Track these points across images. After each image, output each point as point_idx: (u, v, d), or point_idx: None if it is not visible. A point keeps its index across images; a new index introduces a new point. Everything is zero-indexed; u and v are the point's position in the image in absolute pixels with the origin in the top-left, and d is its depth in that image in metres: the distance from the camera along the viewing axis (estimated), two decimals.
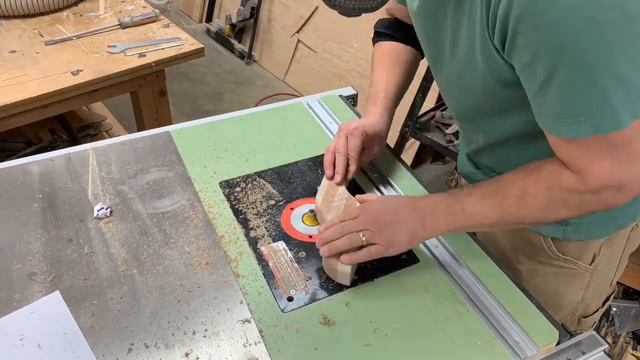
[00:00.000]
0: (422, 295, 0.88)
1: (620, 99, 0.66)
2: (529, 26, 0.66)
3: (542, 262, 1.04)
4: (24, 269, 0.90)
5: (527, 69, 0.71)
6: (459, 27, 0.80)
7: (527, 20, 0.66)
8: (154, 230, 0.97)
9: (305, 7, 3.28)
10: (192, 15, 4.16)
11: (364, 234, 0.84)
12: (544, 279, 1.05)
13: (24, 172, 1.09)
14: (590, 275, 1.04)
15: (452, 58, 0.86)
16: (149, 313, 0.84)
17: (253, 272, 0.91)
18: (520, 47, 0.70)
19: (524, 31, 0.67)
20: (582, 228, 0.97)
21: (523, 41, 0.69)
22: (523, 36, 0.68)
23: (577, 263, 1.02)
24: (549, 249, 1.01)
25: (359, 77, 3.00)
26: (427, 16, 0.89)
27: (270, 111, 1.31)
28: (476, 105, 0.90)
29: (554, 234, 0.99)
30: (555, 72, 0.67)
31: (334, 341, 0.81)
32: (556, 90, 0.69)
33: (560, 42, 0.65)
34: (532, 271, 1.06)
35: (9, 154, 2.03)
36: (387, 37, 1.15)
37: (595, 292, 1.08)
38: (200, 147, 1.17)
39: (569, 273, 1.03)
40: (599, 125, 0.69)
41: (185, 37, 1.88)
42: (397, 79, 1.11)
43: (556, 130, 0.73)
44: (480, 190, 0.83)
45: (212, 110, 3.20)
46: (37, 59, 1.72)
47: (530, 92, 0.74)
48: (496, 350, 0.81)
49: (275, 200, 1.05)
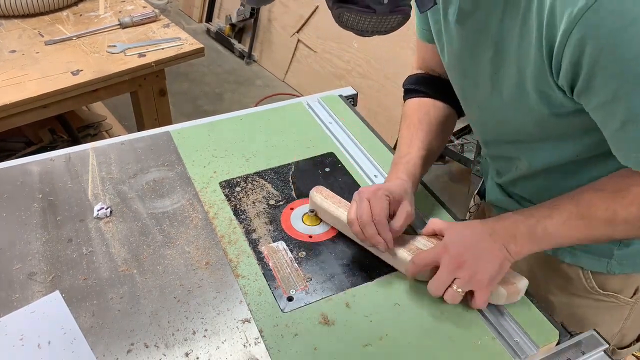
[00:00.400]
0: (422, 295, 0.88)
1: None
2: (609, 66, 0.64)
3: (579, 296, 0.98)
4: (24, 269, 0.90)
5: (606, 108, 0.69)
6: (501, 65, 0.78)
7: (607, 60, 0.64)
8: (154, 230, 0.97)
9: (305, 7, 3.28)
10: (192, 15, 4.16)
11: (458, 287, 0.81)
12: (581, 311, 0.99)
13: (24, 172, 1.09)
14: (630, 308, 0.98)
15: (492, 93, 0.83)
16: (149, 313, 0.84)
17: (253, 272, 0.91)
18: (598, 88, 0.67)
19: (602, 71, 0.65)
20: (627, 261, 0.92)
21: (601, 81, 0.66)
22: (602, 76, 0.66)
23: (618, 297, 0.96)
24: (588, 283, 0.95)
25: (359, 77, 3.00)
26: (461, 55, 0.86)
27: (270, 111, 1.31)
28: (522, 135, 0.87)
29: (597, 267, 0.93)
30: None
31: (334, 341, 0.81)
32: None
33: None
34: (567, 304, 1.00)
35: (9, 154, 2.03)
36: (417, 94, 1.05)
37: (634, 323, 1.02)
38: (200, 147, 1.17)
39: (608, 306, 0.98)
40: None
41: (185, 37, 1.88)
42: (424, 139, 0.99)
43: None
44: (561, 213, 0.79)
45: (212, 110, 3.20)
46: (37, 59, 1.72)
47: (609, 129, 0.72)
48: (496, 350, 0.81)
49: (275, 200, 1.05)
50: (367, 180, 1.11)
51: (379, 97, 2.88)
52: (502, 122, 0.88)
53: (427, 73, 1.06)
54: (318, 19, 3.24)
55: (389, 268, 0.92)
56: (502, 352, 0.81)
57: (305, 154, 1.17)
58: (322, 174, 1.12)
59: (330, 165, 1.14)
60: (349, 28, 0.74)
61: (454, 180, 2.77)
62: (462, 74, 0.89)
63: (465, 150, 2.15)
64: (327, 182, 1.10)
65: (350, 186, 1.09)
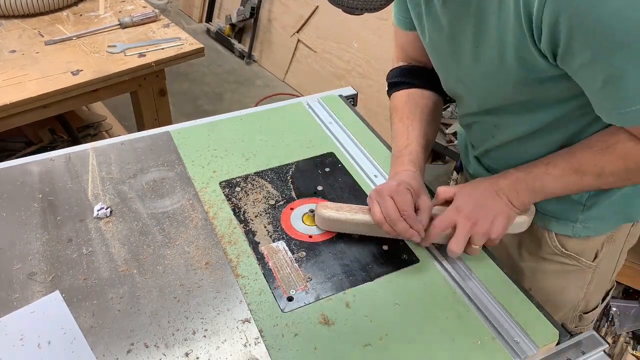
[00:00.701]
0: (422, 295, 0.88)
1: None
2: (586, 27, 0.67)
3: (545, 259, 1.04)
4: (24, 269, 0.90)
5: (587, 69, 0.72)
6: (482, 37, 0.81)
7: (583, 21, 0.66)
8: (154, 230, 0.97)
9: (305, 7, 3.28)
10: (192, 15, 4.16)
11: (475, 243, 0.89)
12: (547, 276, 1.06)
13: (24, 172, 1.09)
14: (592, 272, 1.04)
15: (475, 66, 0.86)
16: (149, 313, 0.84)
17: (253, 272, 0.91)
18: (578, 50, 0.70)
19: (580, 33, 0.68)
20: (590, 224, 0.98)
21: (580, 43, 0.69)
22: (580, 38, 0.68)
23: (580, 260, 1.03)
24: (553, 244, 1.02)
25: (359, 77, 3.00)
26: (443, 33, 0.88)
27: (270, 111, 1.31)
28: (503, 105, 0.91)
29: (563, 231, 1.00)
30: (620, 67, 0.69)
31: (334, 341, 0.81)
32: (621, 85, 0.71)
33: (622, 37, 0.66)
34: (535, 268, 1.06)
35: (9, 154, 2.04)
36: (402, 86, 1.07)
37: (596, 288, 1.08)
38: (200, 147, 1.17)
39: (571, 270, 1.04)
40: None
41: (185, 37, 1.88)
42: (420, 129, 1.02)
43: (624, 121, 0.76)
44: (557, 169, 0.86)
45: (212, 110, 3.20)
46: (37, 59, 1.72)
47: (591, 90, 0.76)
48: (496, 350, 0.81)
49: (275, 200, 1.05)
50: (367, 180, 1.11)
51: (379, 97, 2.88)
52: (484, 94, 0.91)
53: (409, 64, 1.09)
54: (318, 19, 3.24)
55: (389, 268, 0.92)
56: (502, 352, 0.81)
57: (305, 154, 1.17)
58: (322, 174, 1.12)
59: (330, 165, 1.14)
60: (339, 5, 0.75)
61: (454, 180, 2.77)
62: (445, 52, 0.92)
63: None
64: (327, 182, 1.10)
65: (350, 186, 1.09)
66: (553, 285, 1.06)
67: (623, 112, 0.74)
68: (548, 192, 0.88)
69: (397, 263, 0.93)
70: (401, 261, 0.94)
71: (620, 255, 1.09)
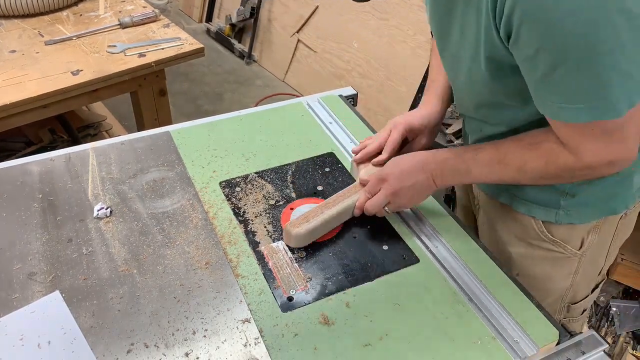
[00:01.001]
0: (422, 295, 0.88)
1: (618, 90, 0.72)
2: (533, 22, 0.70)
3: (533, 245, 1.06)
4: (24, 269, 0.90)
5: (530, 61, 0.76)
6: (466, 20, 0.84)
7: (531, 17, 0.70)
8: (154, 230, 0.97)
9: (305, 7, 3.28)
10: (192, 15, 4.16)
11: (388, 207, 0.98)
12: (534, 262, 1.08)
13: (24, 172, 1.09)
14: (578, 261, 1.06)
15: (459, 49, 0.89)
16: (149, 313, 0.84)
17: (253, 272, 0.91)
18: (524, 41, 0.73)
19: (528, 26, 0.71)
20: (573, 212, 1.00)
21: (527, 36, 0.72)
22: (527, 31, 0.72)
23: (566, 247, 1.04)
24: (539, 230, 1.03)
25: (359, 77, 3.00)
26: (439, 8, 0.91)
27: (270, 111, 1.31)
28: (482, 98, 0.95)
29: (547, 217, 1.02)
30: (558, 66, 0.72)
31: (334, 341, 0.81)
32: (557, 82, 0.74)
33: (562, 41, 0.70)
34: (523, 254, 1.08)
35: (9, 154, 2.03)
36: None
37: (583, 278, 1.10)
38: (200, 147, 1.17)
39: (557, 257, 1.05)
40: (597, 114, 0.75)
41: (185, 37, 1.88)
42: None
43: (555, 114, 0.79)
44: (484, 156, 0.91)
45: (212, 110, 3.20)
46: (37, 59, 1.72)
47: (531, 80, 0.79)
48: (496, 350, 0.81)
49: (275, 200, 1.05)
50: None
51: (379, 97, 2.88)
52: (467, 88, 0.97)
53: None
54: (318, 19, 3.24)
55: (389, 268, 0.92)
56: (502, 352, 0.81)
57: (305, 154, 1.17)
58: (322, 174, 1.12)
59: (330, 165, 1.14)
60: None
61: None
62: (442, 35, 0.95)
63: None
64: (327, 182, 1.10)
65: None
66: (540, 272, 1.08)
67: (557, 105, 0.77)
68: (471, 177, 0.93)
69: (397, 263, 0.93)
70: (401, 261, 0.94)
71: (610, 248, 1.09)
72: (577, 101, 0.75)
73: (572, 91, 0.74)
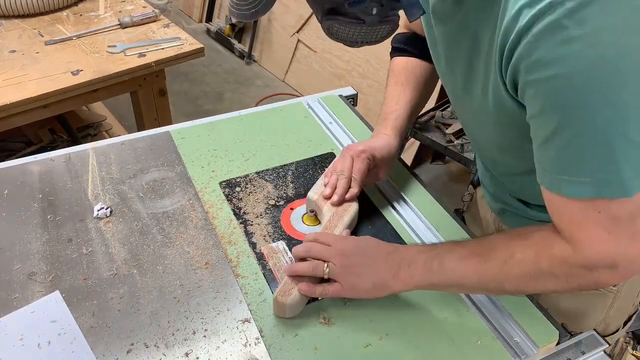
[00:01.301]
0: (422, 295, 0.88)
1: (628, 164, 0.62)
2: (538, 80, 0.64)
3: None
4: (24, 269, 0.90)
5: (535, 120, 0.68)
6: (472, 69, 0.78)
7: (536, 74, 0.64)
8: (154, 230, 0.97)
9: (305, 7, 3.27)
10: (192, 15, 4.16)
11: (328, 266, 0.82)
12: (565, 297, 1.00)
13: (24, 172, 1.09)
14: (614, 297, 0.99)
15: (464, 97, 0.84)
16: (149, 313, 0.84)
17: (253, 272, 0.91)
18: (529, 98, 0.67)
19: (533, 83, 0.65)
20: None
21: (532, 92, 0.66)
22: (532, 88, 0.65)
23: None
24: None
25: (359, 77, 3.00)
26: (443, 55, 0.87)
27: (270, 111, 1.31)
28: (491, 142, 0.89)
29: None
30: (562, 128, 0.64)
31: (334, 341, 0.81)
32: (561, 146, 0.66)
33: (568, 101, 0.62)
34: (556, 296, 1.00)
35: (9, 154, 2.03)
36: (404, 53, 1.11)
37: (617, 312, 1.03)
38: (200, 147, 1.17)
39: (591, 294, 0.98)
40: (603, 188, 0.64)
41: (185, 37, 1.88)
42: (411, 96, 1.08)
43: (555, 187, 0.68)
44: (463, 249, 0.78)
45: (212, 110, 3.20)
46: (37, 59, 1.72)
47: (535, 142, 0.70)
48: (496, 350, 0.81)
49: (275, 200, 1.05)
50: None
51: (379, 97, 2.88)
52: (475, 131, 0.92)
53: (413, 32, 1.11)
54: None
55: None
56: (502, 352, 0.81)
57: (305, 154, 1.17)
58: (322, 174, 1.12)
59: None
60: (340, 40, 0.76)
61: (454, 180, 2.77)
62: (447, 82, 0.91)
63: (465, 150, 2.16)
64: None
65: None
66: (572, 309, 1.00)
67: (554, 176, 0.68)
68: (445, 274, 0.78)
69: None
70: None
71: None
72: (580, 172, 0.65)
73: (576, 160, 0.65)
